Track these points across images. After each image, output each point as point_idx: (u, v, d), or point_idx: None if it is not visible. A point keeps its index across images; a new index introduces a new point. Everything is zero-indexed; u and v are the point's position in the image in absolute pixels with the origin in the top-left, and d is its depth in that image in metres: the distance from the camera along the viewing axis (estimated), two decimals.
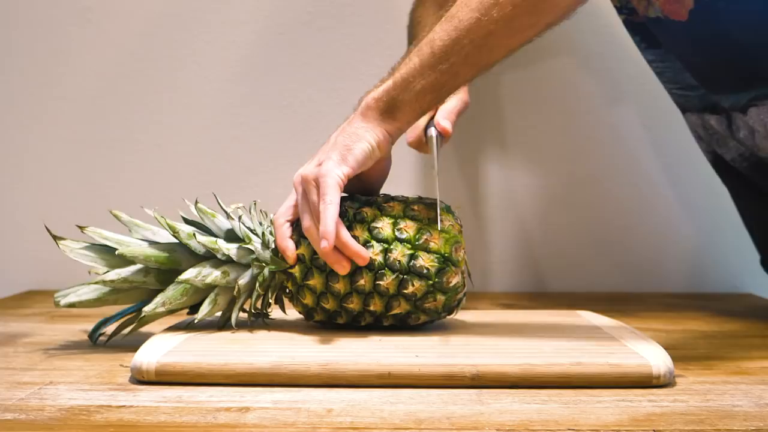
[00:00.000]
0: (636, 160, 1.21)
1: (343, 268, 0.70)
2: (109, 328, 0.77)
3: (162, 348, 0.65)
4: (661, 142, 1.20)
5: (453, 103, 0.88)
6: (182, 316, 0.78)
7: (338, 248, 0.70)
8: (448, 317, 0.76)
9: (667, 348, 0.65)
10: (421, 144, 0.87)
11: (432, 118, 0.85)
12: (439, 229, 0.72)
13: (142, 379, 0.62)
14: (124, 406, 0.56)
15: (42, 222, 0.80)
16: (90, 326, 0.78)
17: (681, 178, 1.20)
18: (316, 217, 0.70)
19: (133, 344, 0.70)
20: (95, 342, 0.77)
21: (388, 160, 0.77)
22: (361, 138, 0.72)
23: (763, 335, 0.85)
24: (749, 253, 1.05)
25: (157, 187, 1.19)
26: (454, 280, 0.72)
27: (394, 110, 0.73)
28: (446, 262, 0.72)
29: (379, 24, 1.19)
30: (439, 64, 0.71)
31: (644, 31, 0.92)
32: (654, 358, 0.62)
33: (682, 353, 0.72)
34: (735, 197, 1.01)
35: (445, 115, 0.86)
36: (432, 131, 0.84)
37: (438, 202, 0.75)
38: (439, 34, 0.71)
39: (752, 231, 1.02)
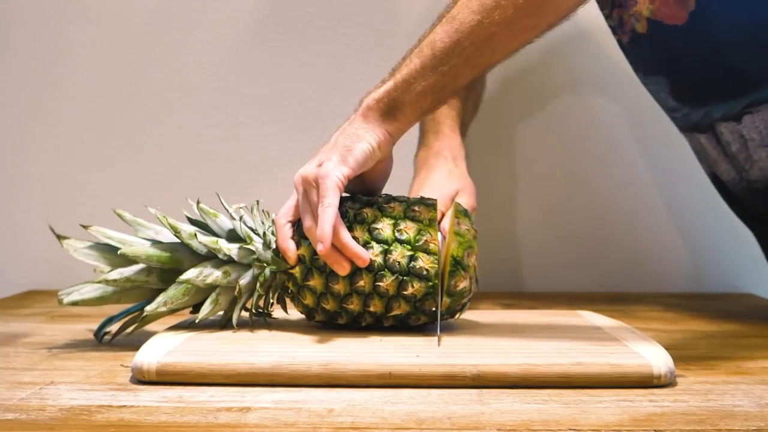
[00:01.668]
0: (636, 160, 1.21)
1: (343, 269, 0.70)
2: (113, 327, 0.77)
3: (163, 348, 0.65)
4: (660, 142, 1.20)
5: (467, 204, 0.90)
6: (184, 316, 0.78)
7: (338, 249, 0.70)
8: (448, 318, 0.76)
9: (667, 348, 0.66)
10: None
11: (441, 219, 0.86)
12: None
13: (142, 379, 0.62)
14: (124, 406, 0.56)
15: (43, 222, 0.80)
16: (90, 326, 0.78)
17: (681, 178, 1.20)
18: (317, 218, 0.70)
19: (133, 344, 0.70)
20: (101, 340, 0.77)
21: (390, 160, 0.77)
22: (361, 138, 0.72)
23: (763, 335, 0.85)
24: (749, 253, 1.05)
25: (156, 187, 1.20)
26: (462, 284, 0.72)
27: (395, 111, 0.73)
28: (457, 265, 0.72)
29: (379, 24, 1.19)
30: (440, 66, 0.71)
31: (630, 52, 0.92)
32: (655, 358, 0.62)
33: (682, 353, 0.72)
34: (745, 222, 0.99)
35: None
36: (439, 235, 0.84)
37: (440, 304, 0.73)
38: (440, 35, 0.71)
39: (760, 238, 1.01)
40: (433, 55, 0.71)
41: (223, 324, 0.75)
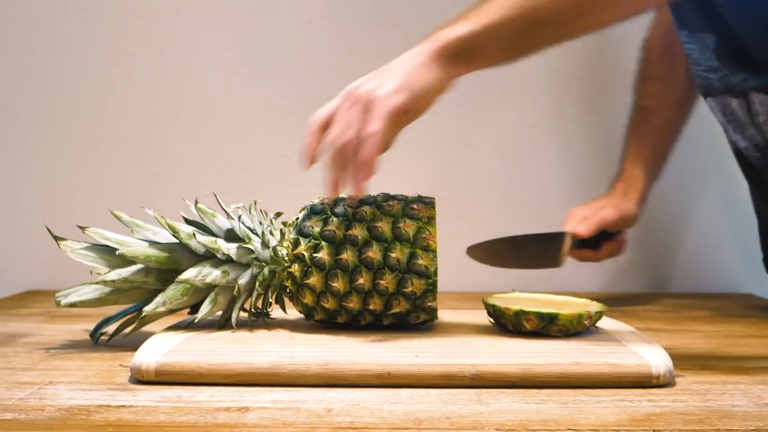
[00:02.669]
0: None
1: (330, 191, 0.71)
2: (110, 328, 0.77)
3: (161, 348, 0.65)
4: None
5: (605, 213, 1.02)
6: (182, 316, 0.78)
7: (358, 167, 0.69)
8: (446, 317, 0.76)
9: (666, 348, 0.66)
10: None
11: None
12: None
13: (141, 378, 0.62)
14: (123, 405, 0.56)
15: (42, 222, 0.80)
16: (90, 326, 0.78)
17: (681, 179, 1.20)
18: (351, 138, 0.69)
19: (132, 344, 0.70)
20: (96, 341, 0.77)
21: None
22: (425, 76, 0.70)
23: (762, 335, 0.85)
24: (749, 253, 1.05)
25: (157, 187, 1.20)
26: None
27: (469, 56, 0.70)
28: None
29: (379, 24, 1.19)
30: (532, 29, 0.69)
31: (680, 10, 0.93)
32: (653, 358, 0.62)
33: (681, 353, 0.72)
34: (752, 191, 1.01)
35: (581, 220, 1.01)
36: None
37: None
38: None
39: (761, 228, 1.02)
40: (521, 13, 0.68)
41: (222, 324, 0.75)
